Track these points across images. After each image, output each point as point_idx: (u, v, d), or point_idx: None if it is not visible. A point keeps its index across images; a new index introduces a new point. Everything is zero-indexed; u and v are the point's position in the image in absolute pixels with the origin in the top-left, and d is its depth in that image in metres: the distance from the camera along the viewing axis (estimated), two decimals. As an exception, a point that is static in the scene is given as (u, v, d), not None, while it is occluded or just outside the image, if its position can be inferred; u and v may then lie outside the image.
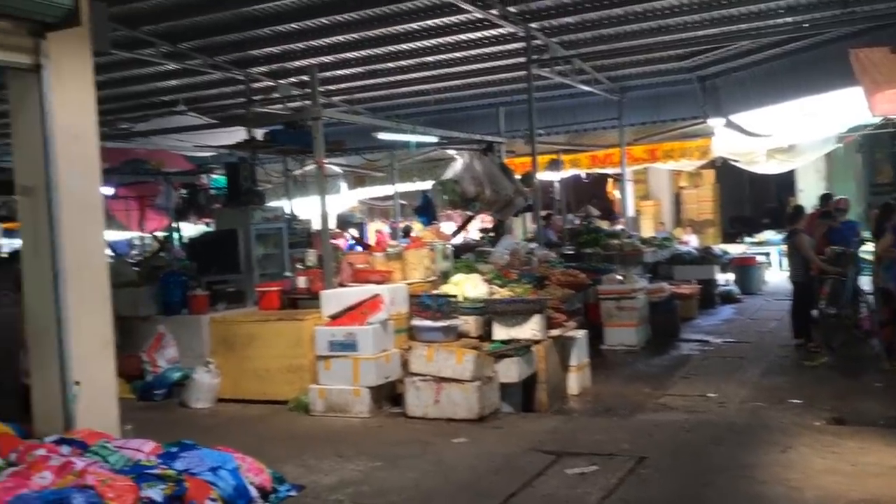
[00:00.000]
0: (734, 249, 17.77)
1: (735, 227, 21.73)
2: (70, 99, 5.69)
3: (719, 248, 17.18)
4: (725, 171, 20.17)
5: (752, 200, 24.10)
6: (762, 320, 12.73)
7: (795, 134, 15.77)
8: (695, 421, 7.06)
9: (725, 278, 15.79)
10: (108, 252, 8.49)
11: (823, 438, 6.12)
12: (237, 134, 13.23)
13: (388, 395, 7.79)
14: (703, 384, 8.59)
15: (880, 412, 7.14)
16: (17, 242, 17.02)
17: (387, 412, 7.62)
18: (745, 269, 16.20)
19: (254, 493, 5.00)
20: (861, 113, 12.93)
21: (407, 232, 14.62)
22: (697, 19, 12.20)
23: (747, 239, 19.30)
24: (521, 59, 12.85)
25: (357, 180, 19.73)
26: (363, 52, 13.39)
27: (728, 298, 14.99)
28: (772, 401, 7.70)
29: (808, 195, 17.69)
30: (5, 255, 14.76)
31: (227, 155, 13.90)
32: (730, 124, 15.93)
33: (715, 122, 15.99)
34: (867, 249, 12.89)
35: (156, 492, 4.44)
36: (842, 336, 9.70)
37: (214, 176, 16.05)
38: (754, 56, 14.36)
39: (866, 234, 12.37)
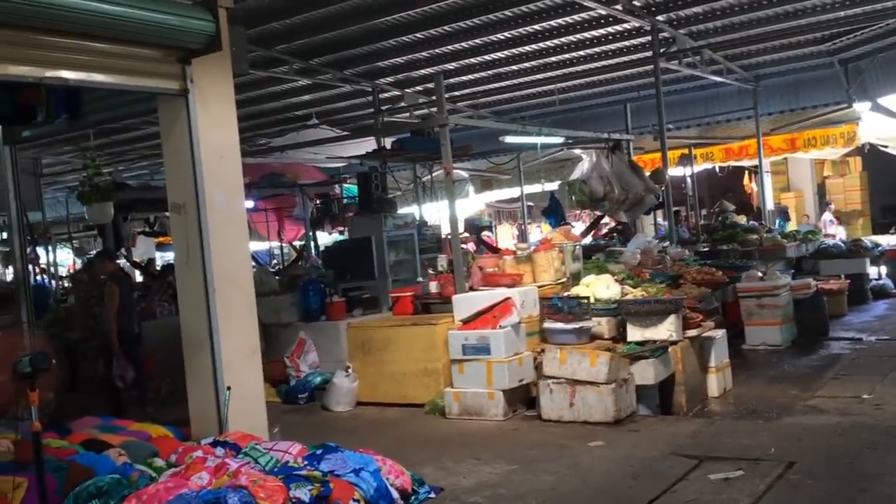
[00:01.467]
0: (887, 241, 16.64)
1: (887, 217, 20.33)
2: (214, 120, 6.05)
3: (870, 239, 16.13)
4: (874, 158, 18.91)
5: (905, 188, 22.53)
6: (920, 316, 11.90)
7: (952, 114, 14.65)
8: (848, 424, 6.66)
9: (878, 272, 14.84)
10: (252, 263, 8.93)
11: None
12: (367, 144, 13.62)
13: (522, 398, 7.80)
14: (856, 385, 8.09)
15: None
16: (169, 256, 18.23)
17: (521, 415, 7.64)
18: (900, 262, 15.15)
19: (395, 494, 5.14)
20: None
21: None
22: (838, 0, 11.55)
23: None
24: (648, 54, 12.59)
25: (484, 184, 19.85)
26: (487, 57, 13.47)
27: (881, 293, 14.08)
28: (934, 402, 7.18)
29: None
30: (158, 270, 15.81)
31: (358, 165, 14.33)
32: (877, 108, 14.94)
33: (861, 107, 15.06)
34: None
35: (303, 492, 4.64)
36: None
37: (347, 185, 16.61)
38: (903, 34, 13.44)
39: None
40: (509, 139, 11.77)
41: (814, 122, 16.28)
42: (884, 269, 15.01)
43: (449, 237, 9.98)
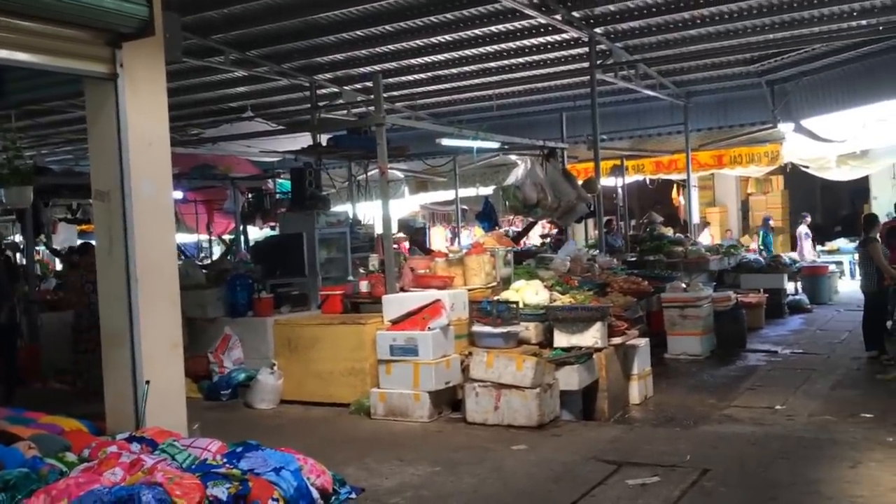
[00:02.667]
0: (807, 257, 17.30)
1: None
2: (144, 107, 5.88)
3: (788, 256, 16.74)
4: (796, 178, 19.67)
5: (824, 207, 23.45)
6: (833, 331, 12.35)
7: (869, 139, 15.30)
8: (761, 434, 6.89)
9: (795, 287, 15.39)
10: (178, 255, 8.75)
11: (895, 454, 5.92)
12: (302, 139, 13.46)
13: (448, 401, 7.83)
14: (770, 396, 8.38)
15: (959, 429, 6.86)
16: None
17: (446, 417, 7.65)
18: (816, 279, 15.75)
19: (315, 494, 5.07)
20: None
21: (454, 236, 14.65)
22: (767, 22, 11.93)
23: (818, 247, 18.77)
24: (585, 65, 12.79)
25: (419, 185, 19.83)
26: (426, 59, 13.47)
27: (797, 308, 14.61)
28: (842, 415, 7.47)
29: (881, 203, 17.15)
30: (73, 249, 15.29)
31: (292, 160, 14.15)
32: (800, 129, 15.51)
33: (785, 128, 15.58)
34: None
35: (221, 491, 4.54)
36: (917, 349, 9.36)
37: (280, 181, 16.37)
38: (826, 60, 13.97)
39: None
40: (446, 142, 11.79)
41: (740, 140, 16.79)
42: (800, 285, 15.58)
43: (382, 237, 9.93)
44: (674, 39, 12.82)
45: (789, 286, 15.05)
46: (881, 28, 12.08)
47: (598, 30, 12.09)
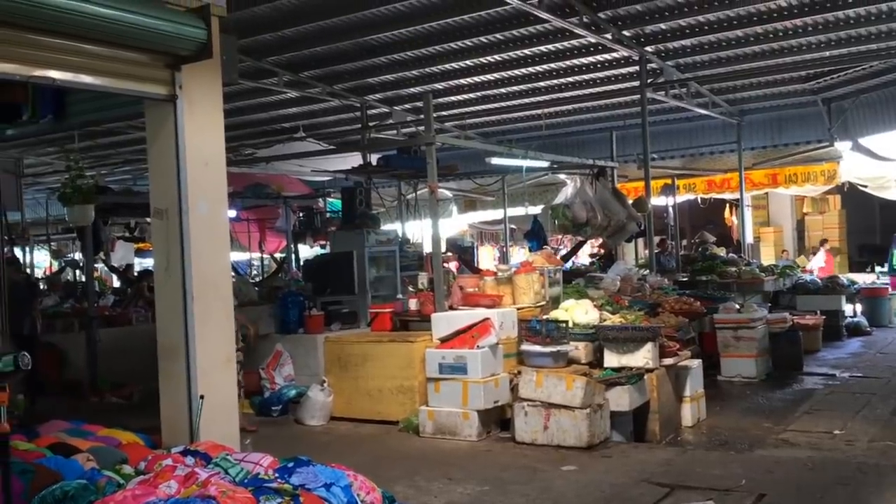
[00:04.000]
0: (863, 279, 16.84)
1: (864, 256, 20.61)
2: (201, 128, 6.03)
3: (846, 277, 16.33)
4: (853, 197, 19.20)
5: (883, 228, 22.81)
6: (893, 354, 12.02)
7: (930, 158, 14.91)
8: (819, 459, 6.71)
9: (853, 309, 15.01)
10: (231, 272, 8.91)
11: (962, 483, 5.71)
12: (353, 159, 13.63)
13: (497, 420, 7.79)
14: (828, 420, 8.16)
15: None
16: (147, 262, 18.11)
17: (495, 436, 7.62)
18: (875, 300, 15.33)
19: (364, 511, 5.09)
20: None
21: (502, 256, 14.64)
22: (823, 39, 11.75)
23: (877, 268, 18.25)
24: (636, 83, 12.75)
25: (467, 204, 19.91)
26: (476, 79, 13.56)
27: (856, 331, 14.23)
28: (903, 440, 7.24)
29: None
30: (135, 275, 15.70)
31: (343, 179, 14.35)
32: (858, 147, 15.19)
33: (842, 146, 15.31)
34: None
35: (272, 505, 4.58)
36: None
37: (331, 199, 16.60)
38: (884, 77, 13.67)
39: None
40: (495, 161, 11.84)
41: (795, 159, 16.52)
42: (859, 307, 15.18)
43: (431, 255, 9.98)
44: (726, 57, 12.69)
45: (847, 308, 14.67)
46: (941, 43, 11.82)
47: (648, 48, 12.04)
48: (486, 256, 22.25)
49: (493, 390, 7.67)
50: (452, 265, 13.53)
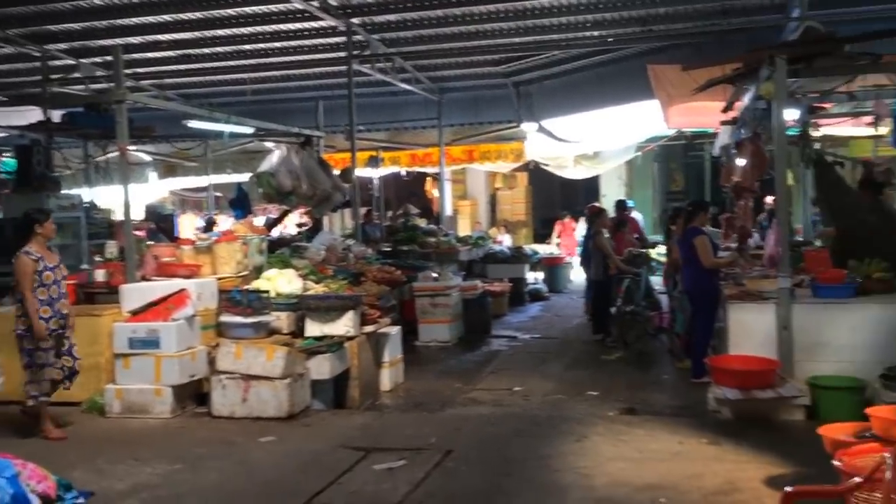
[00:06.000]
0: (544, 249, 18.60)
1: (546, 228, 22.76)
2: None
3: (530, 247, 17.91)
4: (538, 175, 21.09)
5: (562, 203, 25.36)
6: (567, 317, 13.41)
7: (600, 142, 16.79)
8: (500, 414, 7.32)
9: (535, 277, 16.50)
10: None
11: (615, 427, 6.52)
12: (32, 114, 12.20)
13: (193, 395, 7.50)
14: (510, 379, 8.92)
15: (666, 402, 7.72)
16: None
17: (191, 412, 7.32)
18: (554, 269, 17.01)
19: (35, 501, 4.61)
20: (658, 124, 13.96)
21: (210, 224, 14.10)
22: (513, 26, 12.61)
23: (555, 239, 20.25)
24: (342, 54, 12.78)
25: (168, 169, 18.80)
26: (175, 36, 12.71)
27: (537, 296, 15.67)
28: (572, 393, 8.13)
29: (610, 200, 18.81)
30: None
31: (17, 136, 12.76)
32: (541, 129, 16.64)
33: (528, 127, 16.65)
34: (661, 252, 13.96)
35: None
36: (636, 332, 10.38)
37: (3, 159, 14.70)
38: (564, 66, 15.09)
39: (658, 237, 13.33)
40: (194, 124, 11.24)
41: (489, 137, 17.69)
42: (540, 275, 16.73)
43: (122, 223, 9.25)
44: (428, 36, 13.18)
45: (530, 276, 16.11)
46: (610, 40, 13.28)
47: (355, 20, 12.12)
48: (189, 225, 21.20)
49: (190, 364, 7.35)
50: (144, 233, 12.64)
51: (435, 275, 11.82)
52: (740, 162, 9.05)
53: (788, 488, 3.61)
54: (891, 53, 8.92)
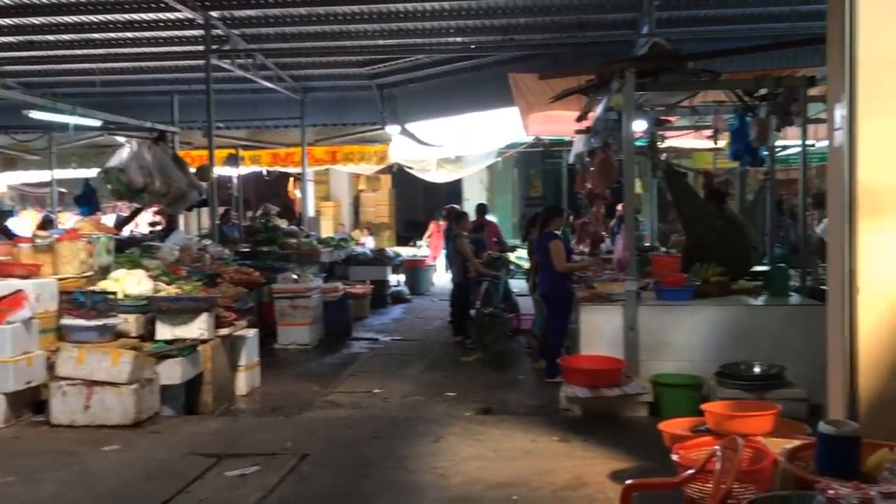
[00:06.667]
0: (406, 252, 18.70)
1: (409, 231, 22.90)
2: None
3: (393, 250, 17.96)
4: (401, 177, 21.19)
5: (425, 206, 25.58)
6: (428, 319, 13.52)
7: (462, 146, 17.09)
8: (358, 416, 7.28)
9: (397, 279, 16.56)
10: None
11: (472, 427, 6.63)
12: None
13: (30, 403, 7.02)
14: (369, 381, 8.89)
15: (521, 402, 7.92)
16: None
17: (27, 421, 6.87)
18: (416, 271, 17.12)
19: None
20: (517, 131, 14.35)
21: (49, 222, 13.33)
22: (377, 29, 12.62)
23: (419, 242, 20.41)
24: (200, 48, 12.34)
25: (7, 162, 17.58)
26: (16, 20, 11.92)
27: (399, 298, 15.72)
28: (430, 395, 8.20)
29: (472, 203, 19.16)
30: None
31: None
32: (405, 132, 16.75)
33: (392, 130, 16.72)
34: (520, 256, 14.35)
35: None
36: (494, 334, 10.61)
37: None
38: (428, 70, 15.26)
39: (517, 241, 13.71)
40: (37, 115, 10.56)
41: (353, 139, 17.65)
42: (402, 277, 16.81)
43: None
44: (291, 34, 12.95)
45: (392, 278, 16.15)
46: (473, 47, 13.54)
47: (214, 13, 11.74)
48: (28, 222, 19.88)
49: (26, 370, 6.87)
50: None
51: (295, 276, 11.63)
52: (593, 170, 9.44)
53: (629, 482, 3.78)
54: (729, 72, 9.60)
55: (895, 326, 3.95)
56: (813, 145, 8.53)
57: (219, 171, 14.24)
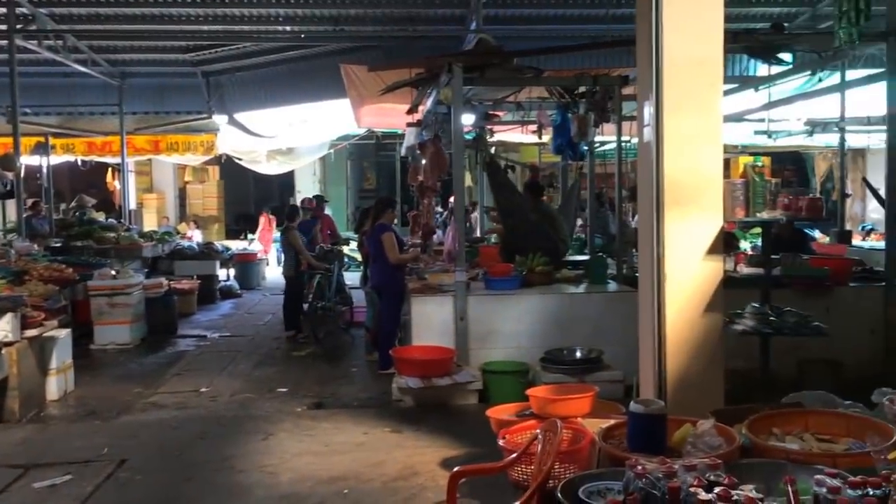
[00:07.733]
0: (237, 245, 18.13)
1: (239, 224, 22.23)
2: None
3: (222, 244, 17.35)
4: (230, 169, 20.51)
5: (256, 198, 24.93)
6: (259, 314, 13.17)
7: (293, 138, 16.76)
8: (183, 417, 6.97)
9: (227, 273, 16.02)
10: None
11: (302, 423, 6.52)
12: None
13: None
14: (196, 379, 8.54)
15: (354, 395, 7.87)
16: None
17: None
18: (246, 265, 16.62)
19: None
20: (350, 123, 14.26)
21: None
22: (201, 13, 12.14)
23: (250, 235, 19.85)
24: (2, 27, 11.37)
25: None
26: None
27: (228, 293, 15.21)
28: (261, 391, 7.98)
29: (305, 196, 18.89)
30: None
31: None
32: (233, 122, 16.23)
33: (219, 119, 16.14)
34: (353, 248, 14.29)
35: None
36: (327, 327, 10.49)
37: None
38: (257, 59, 14.86)
39: (351, 234, 13.64)
40: None
41: (177, 128, 16.87)
42: (232, 272, 16.28)
43: None
44: (106, 15, 12.21)
45: (221, 273, 15.61)
46: (303, 36, 13.30)
47: (18, -11, 10.87)
48: None
49: None
50: None
51: (113, 272, 10.95)
52: (424, 162, 9.54)
53: (456, 469, 3.84)
54: (551, 69, 10.00)
55: (698, 311, 4.27)
56: (628, 141, 9.01)
57: (26, 160, 13.18)
